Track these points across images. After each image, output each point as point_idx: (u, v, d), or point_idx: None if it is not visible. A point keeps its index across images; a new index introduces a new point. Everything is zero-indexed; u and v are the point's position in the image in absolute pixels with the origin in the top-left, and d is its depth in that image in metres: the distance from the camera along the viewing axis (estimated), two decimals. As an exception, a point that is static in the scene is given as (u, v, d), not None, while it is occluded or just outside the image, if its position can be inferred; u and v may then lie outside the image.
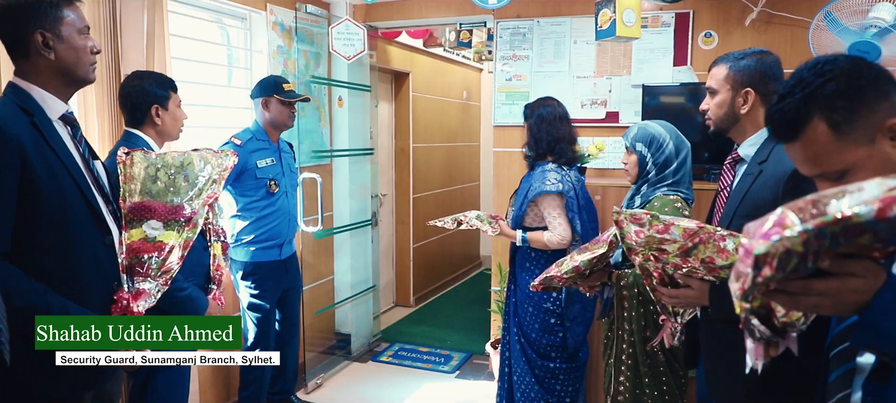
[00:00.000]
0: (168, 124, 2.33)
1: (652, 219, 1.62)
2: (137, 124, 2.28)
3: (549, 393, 2.90)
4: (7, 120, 1.48)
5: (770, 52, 1.81)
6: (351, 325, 4.50)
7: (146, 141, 2.27)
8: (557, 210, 2.76)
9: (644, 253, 1.70)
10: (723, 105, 1.83)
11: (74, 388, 1.62)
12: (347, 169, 4.32)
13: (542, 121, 2.82)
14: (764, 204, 1.66)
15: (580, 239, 2.73)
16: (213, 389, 3.32)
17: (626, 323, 2.16)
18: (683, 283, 1.73)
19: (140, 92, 2.25)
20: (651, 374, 2.15)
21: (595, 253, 2.04)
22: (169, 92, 2.31)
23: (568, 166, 2.84)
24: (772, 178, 1.66)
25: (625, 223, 1.67)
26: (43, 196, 1.51)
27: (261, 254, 3.05)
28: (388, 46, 5.08)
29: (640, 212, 1.65)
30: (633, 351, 2.16)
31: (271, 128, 3.09)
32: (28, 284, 1.47)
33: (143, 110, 2.26)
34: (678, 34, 3.60)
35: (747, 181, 1.74)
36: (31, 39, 1.55)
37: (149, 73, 2.35)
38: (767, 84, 1.77)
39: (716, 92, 1.84)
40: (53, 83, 1.61)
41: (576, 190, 2.81)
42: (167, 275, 1.73)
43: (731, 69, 1.80)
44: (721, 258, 1.60)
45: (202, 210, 1.79)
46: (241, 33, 3.62)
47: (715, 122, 1.87)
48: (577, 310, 2.85)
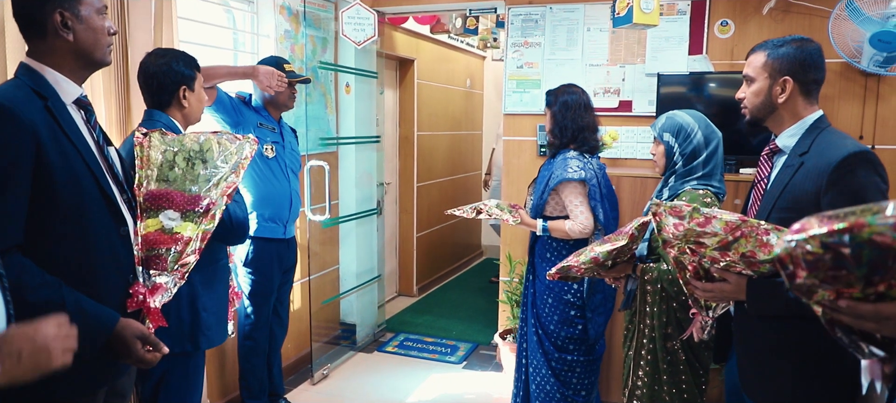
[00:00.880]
0: (194, 106, 2.23)
1: (693, 212, 1.58)
2: (163, 106, 2.16)
3: (565, 386, 2.85)
4: (21, 104, 1.40)
5: (811, 39, 1.76)
6: (356, 315, 4.45)
7: (173, 123, 2.16)
8: (580, 198, 2.70)
9: (680, 246, 1.66)
10: (760, 93, 1.78)
11: (87, 384, 1.56)
12: (354, 157, 4.25)
13: (567, 109, 2.76)
14: (805, 197, 1.63)
15: (603, 229, 2.69)
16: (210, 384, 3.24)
17: (647, 318, 2.11)
18: (719, 277, 1.69)
19: (168, 72, 2.13)
20: (670, 371, 2.10)
21: (615, 245, 2.00)
22: (195, 72, 2.21)
23: (590, 154, 2.79)
24: (814, 171, 1.62)
25: (663, 215, 1.62)
26: (57, 184, 1.43)
27: (266, 229, 2.98)
28: (394, 32, 5.00)
29: (680, 205, 1.61)
30: (653, 347, 2.12)
31: (271, 107, 3.03)
32: (41, 278, 1.40)
33: (170, 91, 2.15)
34: (694, 22, 3.54)
35: (787, 173, 1.70)
36: (49, 19, 1.47)
37: (173, 51, 2.21)
38: (807, 72, 1.73)
39: (753, 80, 1.80)
40: (69, 65, 1.53)
41: (598, 178, 2.76)
42: (184, 269, 1.66)
43: (770, 56, 1.76)
44: (763, 252, 1.55)
45: (221, 201, 1.71)
46: (248, 17, 3.53)
47: (751, 111, 1.83)
48: (598, 300, 2.80)
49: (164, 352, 1.56)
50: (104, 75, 2.37)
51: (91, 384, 1.56)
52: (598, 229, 2.70)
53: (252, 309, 3.02)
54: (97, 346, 1.46)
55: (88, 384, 1.55)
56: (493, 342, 4.21)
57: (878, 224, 0.92)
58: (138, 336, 1.51)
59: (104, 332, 1.47)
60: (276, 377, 3.30)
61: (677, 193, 2.12)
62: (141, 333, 1.52)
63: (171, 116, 2.17)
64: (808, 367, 1.66)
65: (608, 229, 2.72)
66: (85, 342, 1.44)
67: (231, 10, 3.46)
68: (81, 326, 1.42)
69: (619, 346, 3.38)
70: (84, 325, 1.43)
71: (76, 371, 1.49)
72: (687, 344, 2.09)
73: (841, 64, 3.23)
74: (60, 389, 1.49)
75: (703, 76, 3.42)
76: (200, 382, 2.37)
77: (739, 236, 1.55)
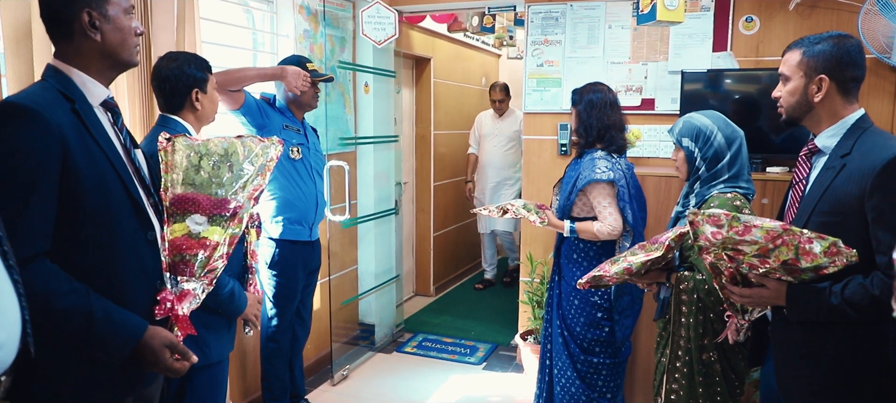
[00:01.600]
0: (207, 108, 2.22)
1: (732, 221, 1.53)
2: (176, 109, 2.16)
3: (590, 388, 2.82)
4: (48, 106, 1.38)
5: (850, 35, 1.71)
6: (375, 315, 4.43)
7: (185, 126, 2.15)
8: (608, 199, 2.65)
9: (717, 252, 1.62)
10: (795, 92, 1.74)
11: (115, 393, 1.53)
12: (372, 156, 4.23)
13: (593, 108, 2.71)
14: (848, 200, 1.58)
15: (631, 230, 2.64)
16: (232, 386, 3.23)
17: (683, 329, 2.06)
18: (758, 283, 1.65)
19: (179, 75, 2.12)
20: (705, 384, 2.05)
21: (650, 256, 1.95)
22: (207, 74, 2.20)
23: (618, 154, 2.74)
24: (857, 173, 1.57)
25: (700, 224, 1.58)
26: (84, 188, 1.41)
27: (291, 232, 2.96)
28: (411, 31, 4.97)
29: (719, 213, 1.57)
30: (688, 359, 2.06)
31: (295, 107, 3.01)
32: (69, 285, 1.38)
33: (182, 94, 2.14)
34: (718, 18, 3.48)
35: (828, 175, 1.65)
36: (76, 19, 1.44)
37: (184, 54, 2.21)
38: (844, 70, 1.68)
39: (788, 78, 1.76)
40: (96, 66, 1.50)
41: (626, 178, 2.71)
42: (212, 275, 1.63)
43: (805, 54, 1.71)
44: (806, 260, 1.51)
45: (248, 204, 1.69)
46: (267, 17, 3.51)
47: (787, 111, 1.78)
48: (625, 302, 2.75)
49: (193, 361, 1.54)
50: (128, 77, 2.35)
51: (118, 392, 1.54)
52: (626, 231, 2.65)
53: (275, 311, 3.00)
54: (125, 355, 1.45)
55: (116, 392, 1.53)
56: (513, 342, 4.18)
57: None
58: (167, 345, 1.49)
59: (132, 341, 1.45)
60: (298, 378, 3.29)
61: (705, 199, 2.06)
62: (170, 342, 1.50)
63: (184, 119, 2.16)
64: (847, 373, 1.63)
65: (636, 230, 2.67)
66: (113, 350, 1.43)
67: (250, 10, 3.44)
68: (109, 334, 1.41)
69: (645, 349, 3.34)
70: (112, 333, 1.42)
71: (104, 380, 1.48)
72: (723, 355, 2.03)
73: (871, 60, 3.16)
74: (87, 398, 1.48)
75: (727, 73, 3.37)
76: (224, 386, 2.35)
77: (780, 244, 1.51)
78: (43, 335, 1.40)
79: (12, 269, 1.09)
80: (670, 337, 2.11)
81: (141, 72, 2.40)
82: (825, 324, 1.62)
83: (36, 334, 1.40)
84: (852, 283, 1.54)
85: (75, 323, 1.37)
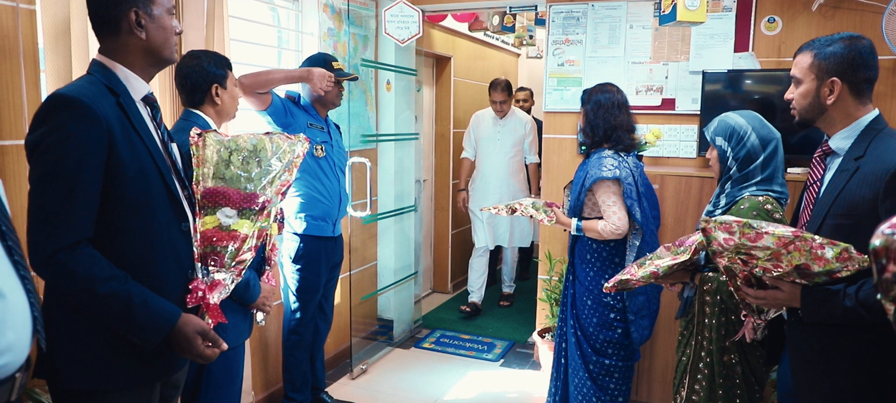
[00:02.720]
0: (227, 103, 2.31)
1: (743, 228, 1.54)
2: (197, 104, 2.27)
3: (602, 390, 2.82)
4: (96, 99, 1.45)
5: (862, 36, 1.69)
6: (393, 311, 4.48)
7: (206, 120, 2.25)
8: (614, 197, 2.65)
9: (731, 256, 1.63)
10: (807, 95, 1.73)
11: (147, 376, 1.60)
12: (393, 153, 4.28)
13: (600, 108, 2.73)
14: (861, 203, 1.57)
15: (640, 228, 2.65)
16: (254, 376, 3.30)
17: (706, 330, 2.07)
18: (772, 285, 1.66)
19: (199, 71, 2.23)
20: (725, 386, 2.06)
21: (677, 260, 1.95)
22: (226, 70, 2.30)
23: (625, 153, 2.75)
24: (871, 176, 1.57)
25: (712, 230, 1.60)
26: (127, 178, 1.47)
27: (315, 227, 3.02)
28: (432, 30, 5.01)
29: (730, 220, 1.58)
30: (710, 360, 2.07)
31: (319, 105, 3.06)
32: (110, 271, 1.44)
33: (202, 90, 2.25)
34: (740, 19, 3.48)
35: (842, 178, 1.65)
36: (124, 17, 1.51)
37: (205, 53, 2.32)
38: (856, 72, 1.66)
39: (800, 81, 1.75)
40: (139, 63, 1.57)
41: (634, 176, 2.71)
42: (241, 266, 1.69)
43: (816, 57, 1.70)
44: (818, 265, 1.53)
45: (276, 199, 1.74)
46: (292, 15, 3.57)
47: (799, 113, 1.77)
48: (641, 302, 2.74)
49: (223, 348, 1.60)
50: (160, 73, 2.42)
51: (150, 376, 1.60)
52: (635, 229, 2.66)
53: (298, 304, 3.06)
54: (160, 340, 1.51)
55: (148, 376, 1.59)
56: (531, 340, 4.21)
57: None
58: (199, 332, 1.55)
59: (167, 326, 1.51)
60: (319, 371, 3.35)
61: (735, 200, 2.04)
62: (201, 329, 1.56)
63: (205, 113, 2.27)
64: (862, 374, 1.62)
65: (647, 228, 2.68)
66: (149, 334, 1.49)
67: (276, 8, 3.51)
68: (146, 319, 1.48)
69: (664, 347, 3.36)
70: (148, 319, 1.48)
71: (137, 363, 1.54)
72: (744, 357, 2.04)
73: (894, 61, 3.15)
74: (122, 380, 1.54)
75: (748, 74, 3.36)
76: (240, 371, 2.42)
77: (792, 250, 1.52)
78: (80, 318, 1.47)
79: (18, 265, 1.14)
80: (692, 337, 2.13)
81: (172, 69, 2.47)
82: (840, 327, 1.62)
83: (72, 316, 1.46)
84: (867, 285, 1.53)
85: (115, 308, 1.44)
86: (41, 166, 1.40)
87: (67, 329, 1.48)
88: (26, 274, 1.16)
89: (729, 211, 2.03)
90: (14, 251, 1.13)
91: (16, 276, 1.12)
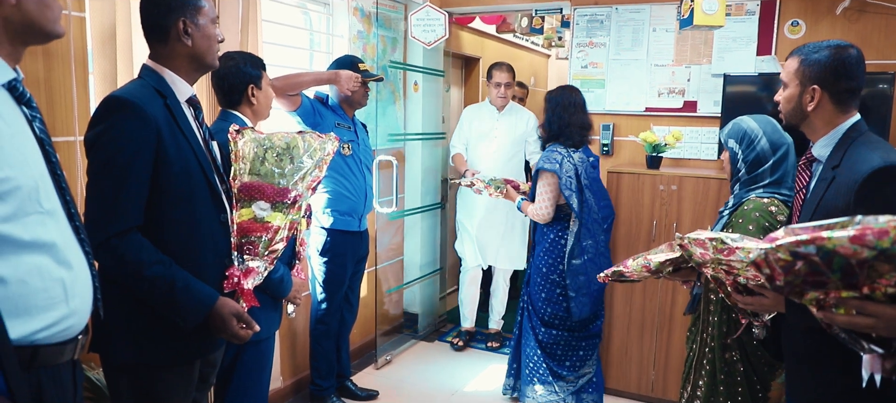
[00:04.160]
0: (262, 103, 2.40)
1: (716, 243, 1.59)
2: (234, 105, 2.35)
3: (550, 357, 3.22)
4: (146, 101, 1.60)
5: (851, 45, 1.70)
6: (418, 305, 4.61)
7: (243, 120, 2.34)
8: (547, 187, 3.05)
9: (714, 267, 1.69)
10: (791, 100, 1.75)
11: (188, 353, 1.74)
12: (420, 152, 4.39)
13: (557, 107, 3.11)
14: (837, 213, 1.57)
15: (579, 218, 3.02)
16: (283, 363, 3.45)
17: (709, 327, 2.13)
18: (758, 291, 1.70)
19: (236, 72, 2.31)
20: (727, 383, 2.11)
21: (669, 256, 2.01)
22: (261, 71, 2.38)
23: (575, 148, 3.10)
24: (844, 186, 1.58)
25: (689, 246, 1.67)
26: (173, 174, 1.62)
27: (341, 222, 3.15)
28: (460, 32, 5.11)
29: (704, 236, 1.63)
30: (712, 356, 2.13)
31: (346, 105, 3.19)
32: (156, 256, 1.59)
33: (239, 90, 2.32)
34: (763, 22, 3.51)
35: (821, 187, 1.67)
36: (173, 26, 1.66)
37: (240, 54, 2.41)
38: (838, 81, 1.67)
39: (787, 85, 1.77)
40: (185, 68, 1.72)
41: (577, 170, 3.03)
42: (274, 255, 1.83)
43: (802, 63, 1.72)
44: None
45: (307, 193, 1.88)
46: (324, 18, 3.72)
47: (784, 117, 1.80)
48: (581, 282, 3.08)
49: (256, 330, 1.73)
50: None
51: (190, 353, 1.75)
52: (574, 219, 3.04)
53: (325, 295, 3.20)
54: (199, 320, 1.65)
55: (188, 353, 1.74)
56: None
57: (836, 237, 1.09)
58: (234, 314, 1.68)
59: (205, 308, 1.65)
60: (344, 360, 3.49)
61: (741, 202, 2.09)
62: (237, 311, 1.69)
63: (242, 113, 2.34)
64: (849, 378, 1.60)
65: (590, 219, 3.04)
66: (189, 315, 1.63)
67: (308, 12, 3.65)
68: (187, 301, 1.62)
69: (678, 341, 3.41)
70: (189, 300, 1.62)
71: (180, 341, 1.69)
72: (745, 357, 2.09)
73: (918, 66, 3.15)
74: (165, 357, 1.69)
75: (770, 77, 3.39)
76: (270, 361, 2.55)
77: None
78: (130, 300, 1.62)
79: (83, 242, 1.29)
80: (698, 334, 2.19)
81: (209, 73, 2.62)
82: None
83: (123, 299, 1.62)
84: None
85: (160, 290, 1.58)
86: (98, 160, 1.56)
87: (118, 308, 1.62)
88: (89, 251, 1.31)
89: (735, 213, 2.09)
90: (80, 230, 1.28)
91: (81, 252, 1.27)
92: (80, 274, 1.25)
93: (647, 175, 3.40)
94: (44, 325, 1.17)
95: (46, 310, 1.17)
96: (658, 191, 3.37)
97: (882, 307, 1.20)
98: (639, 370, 3.54)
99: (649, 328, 3.48)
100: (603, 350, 3.60)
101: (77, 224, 1.27)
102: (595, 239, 3.11)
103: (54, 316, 1.19)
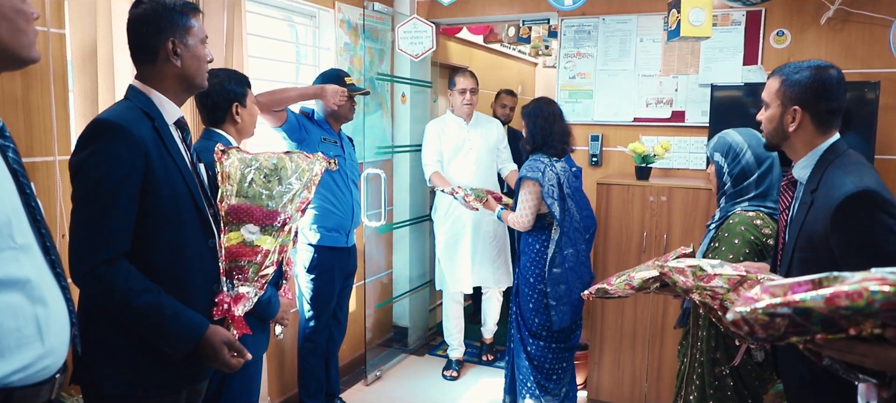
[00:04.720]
0: (247, 121, 2.35)
1: (695, 271, 1.59)
2: (218, 123, 2.30)
3: (538, 371, 3.21)
4: (134, 123, 1.55)
5: (831, 66, 1.69)
6: (408, 319, 4.57)
7: (227, 139, 2.29)
8: (528, 195, 3.07)
9: (700, 292, 1.68)
10: (772, 120, 1.75)
11: (175, 383, 1.69)
12: (408, 164, 4.36)
13: (538, 119, 3.14)
14: (816, 238, 1.59)
15: (560, 226, 3.04)
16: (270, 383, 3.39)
17: (699, 342, 2.12)
18: None
19: (220, 90, 2.26)
20: (717, 397, 2.10)
21: (649, 274, 1.99)
22: (245, 89, 2.34)
23: (557, 158, 3.13)
24: (821, 211, 1.58)
25: (671, 274, 1.66)
26: (161, 197, 1.57)
27: (328, 239, 3.11)
28: (447, 42, 5.10)
29: (683, 264, 1.63)
30: (701, 371, 2.12)
31: (332, 119, 3.15)
32: (144, 284, 1.54)
33: (223, 108, 2.28)
34: (749, 32, 3.52)
35: (802, 211, 1.67)
36: (162, 46, 1.61)
37: (224, 71, 2.36)
38: (819, 102, 1.66)
39: (768, 105, 1.76)
40: (173, 89, 1.67)
41: (560, 179, 3.07)
42: (264, 280, 1.78)
43: (784, 83, 1.71)
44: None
45: (296, 216, 1.83)
46: (310, 31, 3.68)
47: (766, 136, 1.80)
48: (561, 291, 3.08)
49: (247, 358, 1.68)
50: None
51: (178, 383, 1.69)
52: (555, 227, 3.05)
53: (313, 313, 3.16)
54: (188, 349, 1.60)
55: (176, 383, 1.69)
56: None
57: (810, 299, 1.09)
58: (225, 342, 1.64)
59: (195, 336, 1.60)
60: (333, 377, 3.43)
61: (727, 215, 2.10)
62: (228, 339, 1.65)
63: (226, 131, 2.29)
64: (848, 397, 1.64)
65: (570, 227, 3.06)
66: (178, 343, 1.58)
67: (294, 24, 3.62)
68: (177, 329, 1.57)
69: (672, 354, 3.40)
70: (179, 329, 1.57)
71: (167, 371, 1.64)
72: (736, 372, 2.08)
73: (903, 75, 3.17)
74: (152, 387, 1.64)
75: (757, 86, 3.39)
76: (258, 383, 2.51)
77: (747, 285, 1.57)
78: (115, 329, 1.57)
79: (60, 276, 1.24)
80: (689, 348, 2.18)
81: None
82: None
83: (107, 328, 1.57)
84: None
85: (149, 318, 1.54)
86: (84, 185, 1.51)
87: (102, 337, 1.57)
88: (65, 284, 1.26)
89: (721, 226, 2.09)
90: (56, 263, 1.23)
91: (57, 287, 1.22)
92: (56, 311, 1.20)
93: (637, 186, 3.40)
94: (18, 367, 1.12)
95: (20, 351, 1.12)
96: (648, 202, 3.36)
97: (870, 347, 1.17)
98: (632, 381, 3.52)
99: (641, 339, 3.46)
100: (595, 361, 3.58)
101: (53, 257, 1.22)
102: (576, 247, 3.13)
103: (29, 356, 1.14)
